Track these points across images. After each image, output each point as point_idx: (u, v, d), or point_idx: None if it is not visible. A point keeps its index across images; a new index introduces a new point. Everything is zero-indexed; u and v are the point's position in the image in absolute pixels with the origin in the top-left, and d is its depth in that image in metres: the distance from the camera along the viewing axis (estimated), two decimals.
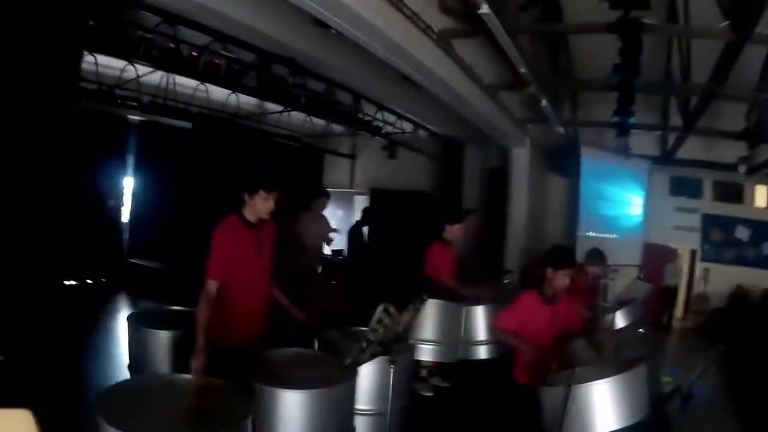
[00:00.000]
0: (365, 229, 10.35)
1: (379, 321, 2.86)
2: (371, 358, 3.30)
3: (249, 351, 3.55)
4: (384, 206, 14.93)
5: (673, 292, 12.79)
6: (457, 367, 5.45)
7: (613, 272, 11.59)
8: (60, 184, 8.74)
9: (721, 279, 12.69)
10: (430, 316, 4.73)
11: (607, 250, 12.21)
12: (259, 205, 3.69)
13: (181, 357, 3.60)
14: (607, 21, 6.12)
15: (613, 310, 6.05)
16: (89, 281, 10.34)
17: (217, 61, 7.77)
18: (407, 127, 13.26)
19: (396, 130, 13.24)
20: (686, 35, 7.85)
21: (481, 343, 5.12)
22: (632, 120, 8.55)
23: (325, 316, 4.25)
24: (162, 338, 4.01)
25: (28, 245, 6.46)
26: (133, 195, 11.40)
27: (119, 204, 10.96)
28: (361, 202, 16.65)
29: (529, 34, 8.41)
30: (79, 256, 9.78)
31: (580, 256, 11.92)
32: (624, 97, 8.01)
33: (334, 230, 8.99)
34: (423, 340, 4.74)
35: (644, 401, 3.41)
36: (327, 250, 10.36)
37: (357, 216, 16.76)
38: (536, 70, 8.11)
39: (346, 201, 17.35)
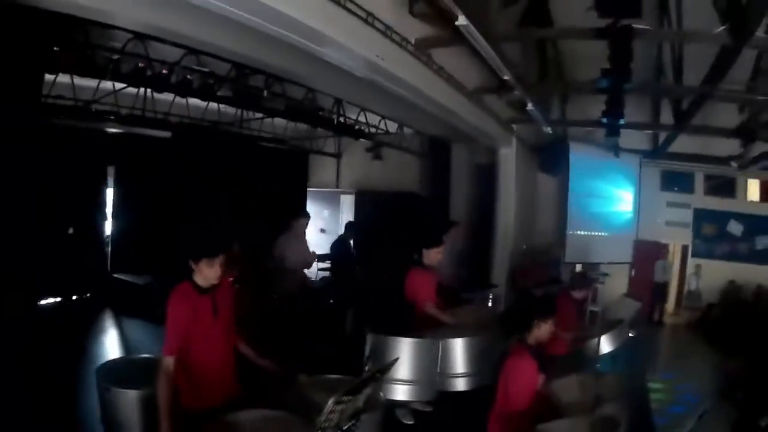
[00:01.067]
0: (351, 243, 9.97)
1: (331, 412, 2.67)
2: None
3: (216, 416, 3.35)
4: (370, 210, 14.82)
5: (664, 288, 12.70)
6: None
7: (603, 276, 11.60)
8: (34, 204, 8.72)
9: (714, 275, 12.56)
10: (404, 354, 4.52)
11: (598, 248, 12.30)
12: (206, 272, 3.48)
13: (152, 417, 3.43)
14: (595, 26, 5.88)
15: (599, 333, 5.91)
16: (74, 297, 10.19)
17: (189, 76, 7.59)
18: (392, 126, 13.08)
19: (380, 131, 13.08)
20: (680, 40, 7.63)
21: (459, 375, 4.94)
22: (622, 121, 8.38)
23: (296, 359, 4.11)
24: (131, 398, 3.85)
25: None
26: (115, 208, 11.18)
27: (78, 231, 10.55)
28: (347, 201, 16.57)
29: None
30: (62, 273, 9.68)
31: (570, 254, 12.03)
32: (613, 99, 7.83)
33: (313, 254, 8.70)
34: (397, 380, 4.54)
35: None
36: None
37: (344, 216, 16.73)
38: (521, 75, 7.91)
39: (333, 201, 17.24)
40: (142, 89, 8.73)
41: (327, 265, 11.20)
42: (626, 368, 7.09)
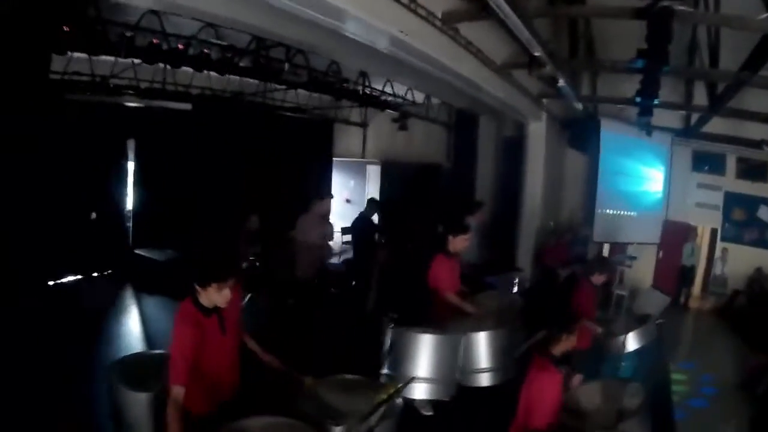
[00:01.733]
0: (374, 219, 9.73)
1: None
2: None
3: (224, 421, 3.26)
4: (396, 181, 14.63)
5: (691, 272, 12.36)
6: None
7: (631, 259, 11.31)
8: (52, 181, 8.70)
9: (741, 260, 12.08)
10: (423, 351, 4.35)
11: (626, 228, 11.98)
12: (214, 297, 3.35)
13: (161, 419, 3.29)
14: (633, 5, 5.63)
15: (626, 330, 5.69)
16: (95, 274, 10.18)
17: (206, 50, 7.39)
18: (419, 97, 12.80)
19: (406, 101, 12.83)
20: (722, 25, 7.19)
21: (482, 370, 4.77)
22: (656, 101, 8.01)
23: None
24: (141, 400, 3.78)
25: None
26: (136, 182, 11.06)
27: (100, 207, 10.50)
28: (374, 172, 16.36)
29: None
30: (82, 250, 9.69)
31: (598, 233, 11.74)
32: (649, 81, 7.45)
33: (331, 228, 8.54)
34: (416, 378, 4.37)
35: None
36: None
37: (370, 186, 16.58)
38: (552, 52, 7.56)
39: (359, 170, 17.14)
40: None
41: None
42: (650, 356, 6.92)
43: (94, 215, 9.99)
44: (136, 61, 7.92)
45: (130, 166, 10.99)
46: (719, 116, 10.05)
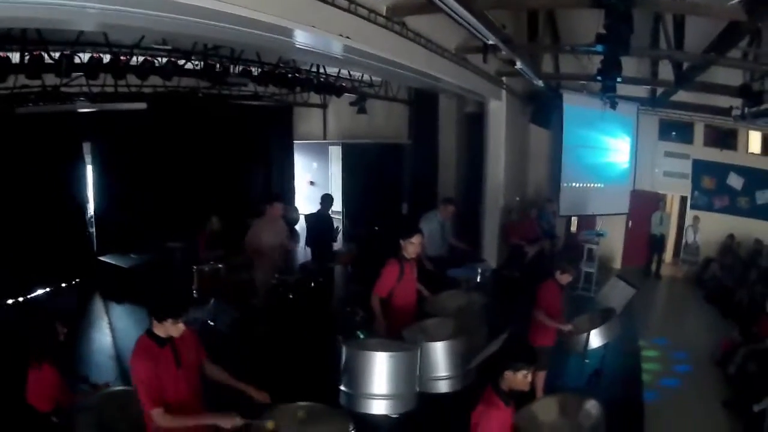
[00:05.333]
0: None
1: None
2: None
3: None
4: (358, 161, 14.59)
5: (661, 240, 12.45)
6: None
7: (599, 236, 11.35)
8: (9, 196, 8.47)
9: (712, 228, 12.18)
10: (378, 369, 4.29)
11: (593, 200, 12.01)
12: (170, 329, 3.57)
13: None
14: None
15: (589, 327, 5.69)
16: (63, 284, 10.01)
17: (150, 57, 7.17)
18: (376, 78, 12.61)
19: (363, 84, 12.67)
20: (688, 12, 6.98)
21: (441, 378, 4.75)
22: (618, 79, 7.93)
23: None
24: None
25: None
26: (95, 187, 10.82)
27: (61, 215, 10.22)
28: (336, 152, 16.34)
29: None
30: (49, 261, 9.51)
31: (564, 207, 11.75)
32: (609, 62, 7.32)
33: (291, 237, 8.43)
34: (373, 395, 4.33)
35: None
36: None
37: (333, 168, 16.52)
38: (507, 38, 7.40)
39: (321, 152, 17.17)
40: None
41: None
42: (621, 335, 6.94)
43: None
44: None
45: (89, 171, 10.74)
46: (688, 90, 10.01)
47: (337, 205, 14.16)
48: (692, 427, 6.20)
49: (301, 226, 10.83)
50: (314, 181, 17.10)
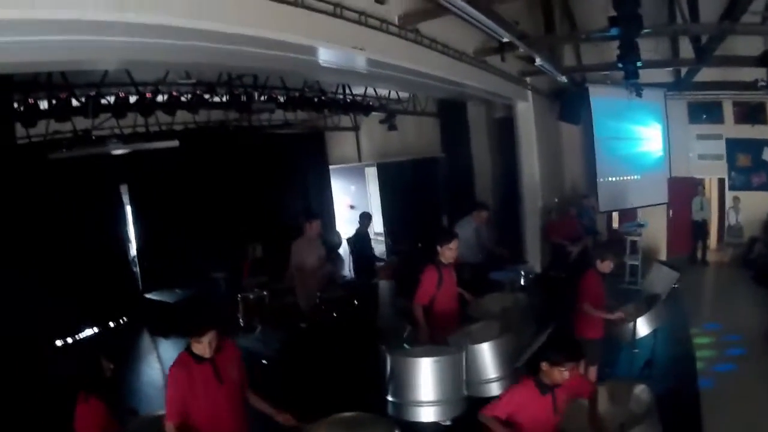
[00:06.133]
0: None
1: None
2: None
3: None
4: (393, 180, 14.59)
5: (703, 226, 12.15)
6: None
7: (639, 227, 11.14)
8: (53, 241, 8.69)
9: (753, 207, 11.86)
10: (424, 375, 4.25)
11: (631, 193, 11.80)
12: (199, 348, 3.67)
13: None
14: None
15: (635, 315, 5.56)
16: (111, 324, 10.21)
17: (175, 93, 7.36)
18: (403, 93, 12.68)
19: (391, 100, 12.72)
20: None
21: (490, 381, 4.67)
22: (639, 63, 7.84)
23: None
24: None
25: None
26: (135, 227, 11.06)
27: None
28: (372, 174, 16.27)
29: None
30: (96, 302, 9.70)
31: (603, 203, 11.57)
32: (626, 45, 7.28)
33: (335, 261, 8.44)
34: (421, 402, 4.29)
35: None
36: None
37: (370, 189, 16.50)
38: (522, 34, 7.39)
39: (358, 175, 17.11)
40: None
41: None
42: (671, 324, 6.75)
43: None
44: None
45: (128, 211, 10.99)
46: (709, 66, 9.83)
47: (378, 226, 14.32)
48: (752, 410, 5.95)
49: (344, 250, 10.92)
50: (354, 205, 17.10)
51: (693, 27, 7.91)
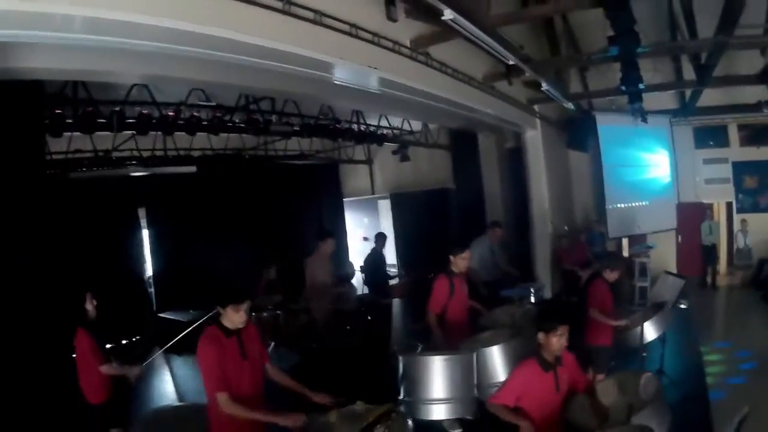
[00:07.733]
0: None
1: None
2: None
3: None
4: (407, 212, 14.73)
5: (713, 250, 12.21)
6: None
7: (648, 248, 11.23)
8: (70, 259, 8.86)
9: (762, 228, 11.97)
10: (435, 373, 4.38)
11: (640, 219, 11.92)
12: (232, 317, 3.77)
13: None
14: None
15: (642, 320, 5.67)
16: (124, 342, 10.34)
17: (196, 113, 7.65)
18: (416, 125, 12.95)
19: (404, 131, 12.98)
20: None
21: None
22: (641, 86, 8.05)
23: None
24: None
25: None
26: (152, 249, 11.32)
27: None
28: (385, 206, 16.41)
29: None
30: (110, 320, 9.81)
31: (612, 229, 11.68)
32: (628, 66, 7.51)
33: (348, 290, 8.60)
34: (432, 400, 4.38)
35: None
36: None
37: (383, 221, 16.65)
38: (526, 57, 7.66)
39: (371, 207, 17.18)
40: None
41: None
42: (680, 342, 6.80)
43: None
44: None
45: (145, 233, 11.24)
46: (711, 87, 10.01)
47: (391, 257, 14.43)
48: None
49: (357, 280, 11.08)
50: (367, 237, 17.17)
51: (689, 43, 8.17)
